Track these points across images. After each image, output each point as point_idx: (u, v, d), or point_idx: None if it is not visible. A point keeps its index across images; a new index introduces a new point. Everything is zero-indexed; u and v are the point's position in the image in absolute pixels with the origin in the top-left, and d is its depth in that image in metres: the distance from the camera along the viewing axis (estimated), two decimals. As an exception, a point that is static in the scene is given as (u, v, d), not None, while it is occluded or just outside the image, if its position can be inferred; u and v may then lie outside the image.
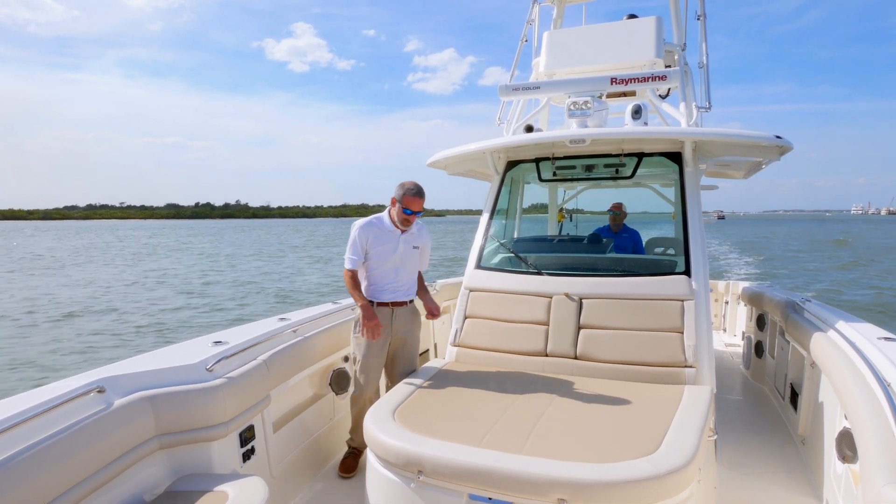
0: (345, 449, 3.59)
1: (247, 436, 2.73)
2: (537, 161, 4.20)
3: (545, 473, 2.02)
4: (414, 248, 3.52)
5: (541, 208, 6.29)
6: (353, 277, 3.43)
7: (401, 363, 3.51)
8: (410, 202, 3.32)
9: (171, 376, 2.47)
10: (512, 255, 4.10)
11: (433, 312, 3.58)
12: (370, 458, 2.49)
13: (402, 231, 3.45)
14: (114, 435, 2.14)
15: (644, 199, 5.64)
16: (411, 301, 3.59)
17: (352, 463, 3.44)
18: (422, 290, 3.71)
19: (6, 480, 1.71)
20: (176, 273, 26.03)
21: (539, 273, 3.74)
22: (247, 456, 2.73)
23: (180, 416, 2.40)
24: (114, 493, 2.14)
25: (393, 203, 3.40)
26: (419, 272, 3.70)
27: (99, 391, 2.21)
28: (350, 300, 4.07)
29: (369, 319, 3.29)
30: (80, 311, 15.41)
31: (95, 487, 2.03)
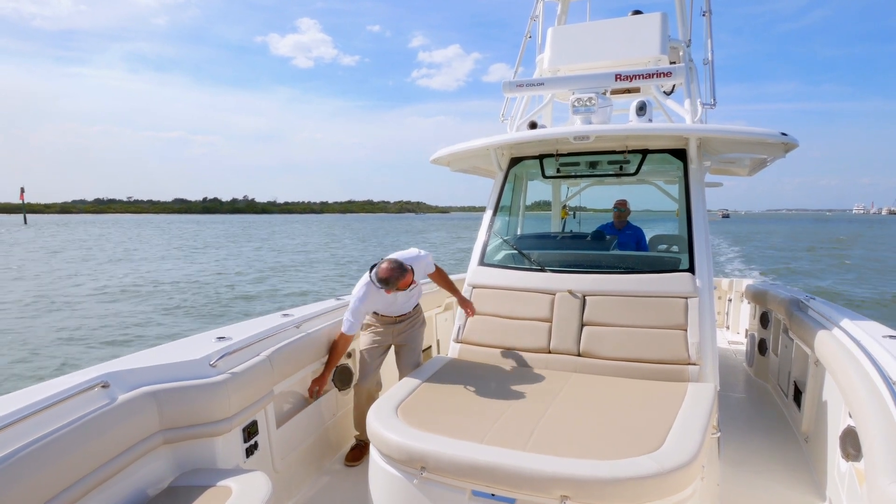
0: (348, 445, 3.63)
1: (250, 431, 2.74)
2: (541, 157, 4.18)
3: (548, 470, 2.02)
4: (411, 289, 3.52)
5: (544, 205, 6.27)
6: (344, 343, 3.45)
7: (406, 361, 3.59)
8: (404, 283, 3.25)
9: (175, 372, 2.48)
10: (515, 251, 4.09)
11: (472, 309, 3.64)
12: (373, 454, 2.50)
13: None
14: (118, 430, 2.15)
15: (648, 197, 5.62)
16: (415, 308, 3.70)
17: (357, 453, 3.54)
18: (456, 292, 3.73)
19: (12, 475, 1.72)
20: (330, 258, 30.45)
21: (542, 270, 3.73)
22: (250, 451, 2.74)
23: (184, 412, 2.41)
24: (118, 488, 2.15)
25: (388, 292, 3.30)
26: (442, 275, 3.70)
27: (103, 386, 2.22)
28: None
29: (315, 384, 3.37)
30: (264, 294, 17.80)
31: (100, 482, 2.04)
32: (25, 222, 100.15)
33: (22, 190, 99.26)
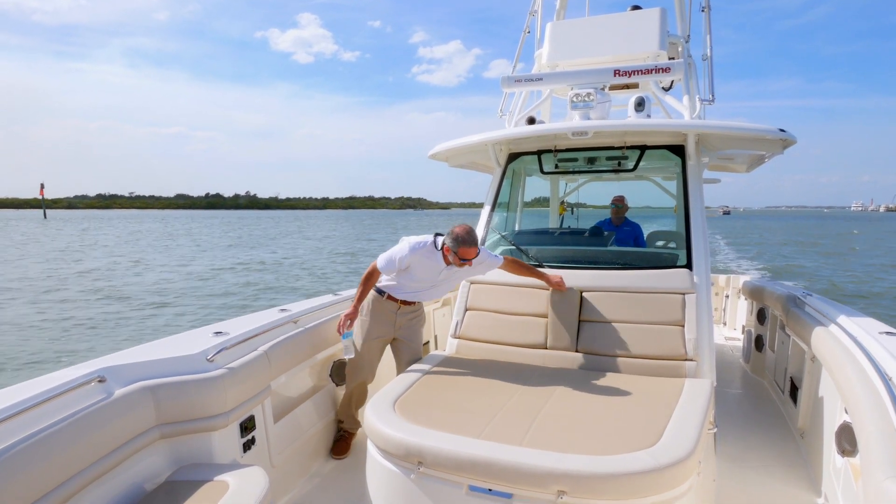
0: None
1: (247, 426, 2.74)
2: (539, 153, 4.18)
3: (545, 465, 2.02)
4: (456, 278, 3.44)
5: (542, 201, 6.27)
6: (372, 275, 3.39)
7: (405, 356, 3.51)
8: (468, 252, 3.16)
9: (172, 366, 2.47)
10: (513, 247, 4.09)
11: (560, 284, 3.49)
12: (370, 449, 2.50)
13: (448, 265, 3.32)
14: (114, 425, 2.14)
15: (646, 193, 5.62)
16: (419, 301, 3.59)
17: (343, 446, 3.53)
18: (534, 273, 3.56)
19: (7, 470, 1.71)
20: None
21: (540, 265, 3.73)
22: (247, 446, 2.74)
23: (181, 406, 2.41)
24: (114, 483, 2.15)
25: (447, 251, 3.23)
26: (511, 260, 3.57)
27: (100, 381, 2.21)
28: (350, 291, 4.09)
29: (349, 314, 3.34)
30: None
31: (96, 477, 2.04)
32: (45, 217, 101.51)
33: (42, 186, 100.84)
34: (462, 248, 3.14)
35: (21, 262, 24.75)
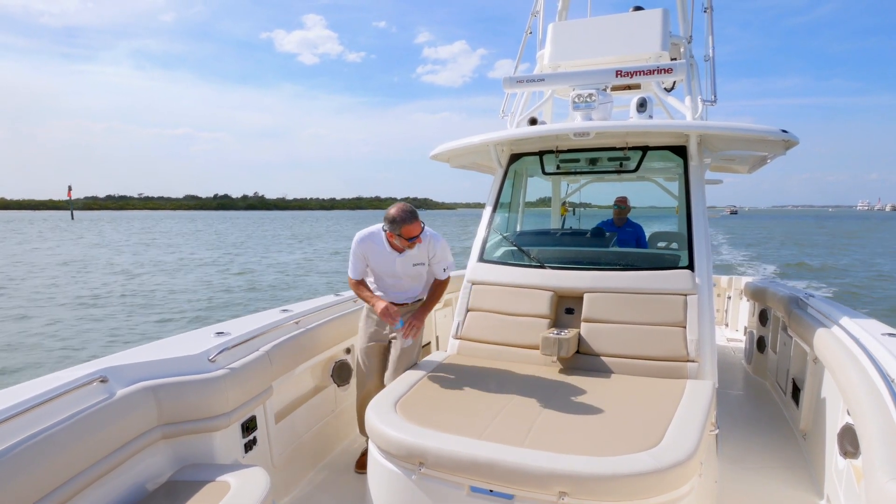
0: (346, 440, 3.61)
1: (249, 426, 2.75)
2: (541, 154, 4.17)
3: (546, 466, 2.02)
4: (415, 265, 3.29)
5: (544, 202, 6.27)
6: (357, 284, 3.33)
7: (398, 356, 3.35)
8: (410, 230, 3.03)
9: (174, 367, 2.48)
10: (515, 248, 4.09)
11: (406, 334, 3.22)
12: (372, 450, 2.50)
13: (401, 252, 3.23)
14: (116, 425, 2.15)
15: (648, 193, 5.61)
16: (417, 301, 3.43)
17: (364, 459, 3.28)
18: (425, 302, 3.41)
19: (9, 469, 1.72)
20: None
21: (542, 266, 3.73)
22: (249, 446, 2.74)
23: (183, 407, 2.41)
24: (116, 483, 2.16)
25: (390, 236, 3.14)
26: (438, 281, 3.43)
27: (102, 381, 2.22)
28: (352, 292, 4.09)
29: (384, 312, 3.13)
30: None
31: (98, 477, 2.04)
32: (73, 218, 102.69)
33: (69, 188, 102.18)
34: (404, 228, 3.02)
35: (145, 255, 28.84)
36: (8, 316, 13.47)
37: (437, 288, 3.46)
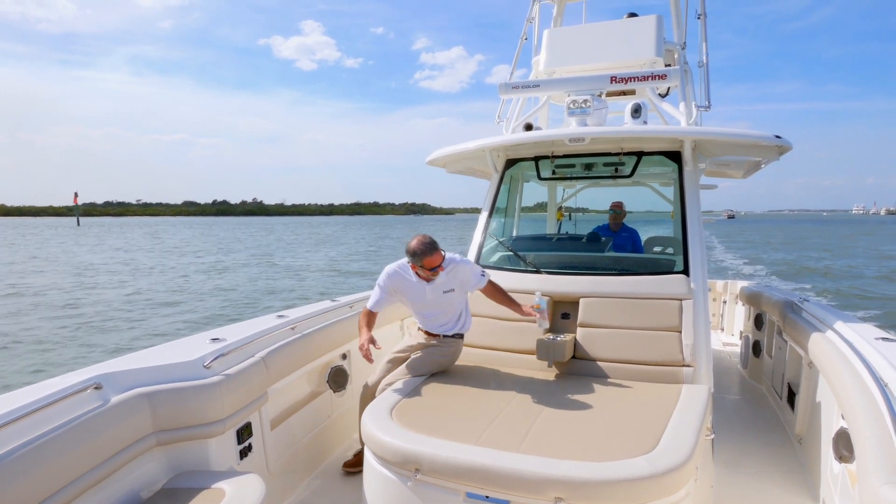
0: (342, 447, 3.59)
1: (244, 433, 2.73)
2: (536, 159, 4.19)
3: (542, 472, 2.02)
4: (445, 293, 3.29)
5: (540, 207, 6.28)
6: (367, 315, 3.30)
7: (408, 363, 3.32)
8: (431, 261, 3.10)
9: (169, 373, 2.47)
10: (511, 253, 4.09)
11: (530, 312, 3.35)
12: (367, 456, 2.50)
13: (428, 281, 3.25)
14: (111, 431, 2.14)
15: (643, 199, 5.63)
16: (454, 336, 3.39)
17: (357, 459, 3.32)
18: (509, 302, 3.42)
19: (3, 477, 1.71)
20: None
21: (538, 271, 3.74)
22: (244, 453, 2.73)
23: (177, 413, 2.40)
24: (111, 490, 2.14)
25: (413, 268, 3.20)
26: (488, 288, 3.41)
27: (96, 388, 2.21)
28: (348, 297, 4.09)
29: (361, 347, 3.11)
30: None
31: (92, 484, 2.03)
32: (78, 224, 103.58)
33: (76, 194, 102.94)
34: (425, 259, 3.09)
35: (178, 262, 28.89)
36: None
37: (494, 290, 3.45)
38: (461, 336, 3.41)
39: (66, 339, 11.51)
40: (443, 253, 3.17)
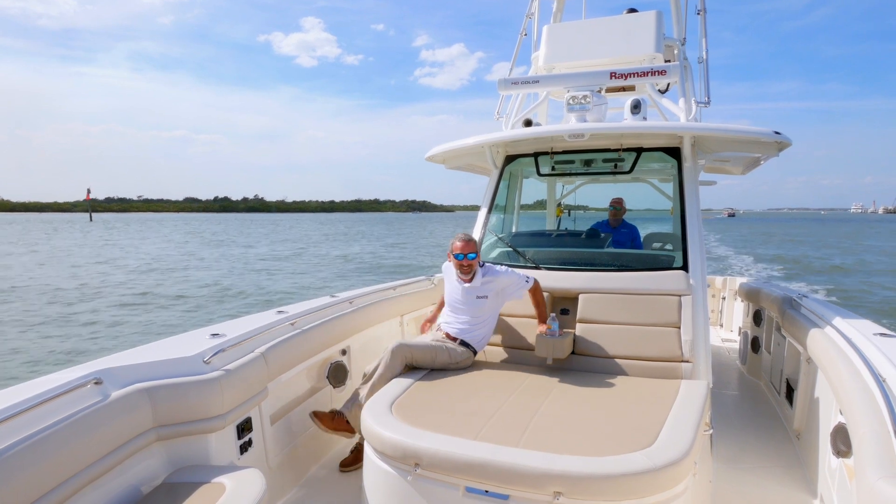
0: (342, 442, 3.59)
1: (244, 428, 2.74)
2: (536, 155, 4.19)
3: (541, 466, 2.03)
4: (478, 297, 3.39)
5: (539, 203, 6.28)
6: (440, 305, 3.82)
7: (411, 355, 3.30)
8: (460, 247, 3.35)
9: (169, 368, 2.47)
10: (510, 249, 4.10)
11: (542, 330, 3.35)
12: (367, 451, 2.50)
13: (466, 282, 3.42)
14: (111, 426, 2.14)
15: (643, 195, 5.63)
16: (467, 345, 3.39)
17: (355, 457, 3.32)
18: (541, 307, 3.46)
19: (3, 472, 1.71)
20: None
21: (537, 267, 3.74)
22: (244, 448, 2.74)
23: (177, 408, 2.40)
24: (111, 485, 2.15)
25: (457, 265, 3.42)
26: (537, 285, 3.45)
27: (96, 383, 2.21)
28: (347, 293, 4.11)
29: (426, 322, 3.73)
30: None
31: (92, 479, 2.04)
32: (91, 220, 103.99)
33: (88, 191, 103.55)
34: (455, 244, 3.36)
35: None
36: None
37: (536, 290, 3.46)
38: (474, 351, 3.42)
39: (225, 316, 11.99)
40: (476, 248, 3.41)
